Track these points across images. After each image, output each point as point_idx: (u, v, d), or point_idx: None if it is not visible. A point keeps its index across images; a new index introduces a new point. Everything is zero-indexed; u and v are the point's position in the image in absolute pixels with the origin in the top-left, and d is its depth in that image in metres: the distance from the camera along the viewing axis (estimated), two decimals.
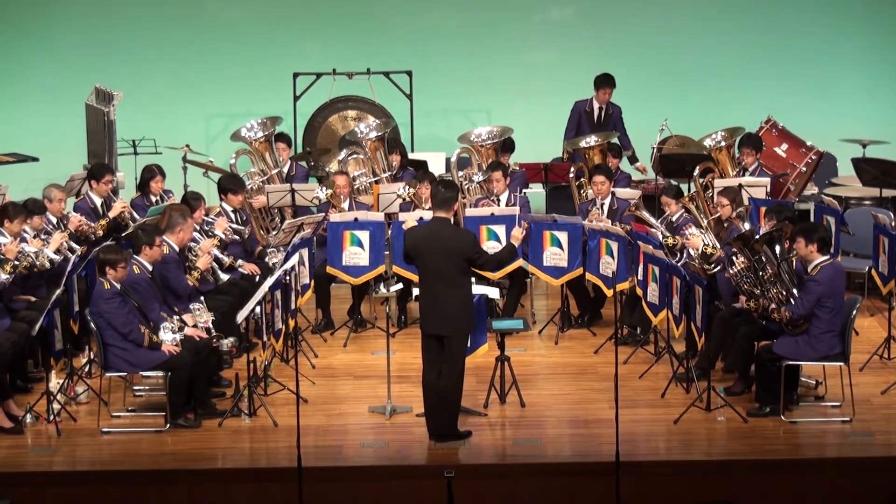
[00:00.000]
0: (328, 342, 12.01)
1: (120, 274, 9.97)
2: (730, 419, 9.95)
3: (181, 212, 10.99)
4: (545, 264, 11.94)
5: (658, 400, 10.39)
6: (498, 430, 9.98)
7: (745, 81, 15.67)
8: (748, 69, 15.69)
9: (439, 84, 15.67)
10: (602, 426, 9.78)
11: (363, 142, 13.36)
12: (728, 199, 11.30)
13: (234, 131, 13.56)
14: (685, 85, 15.73)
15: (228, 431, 9.94)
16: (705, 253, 10.86)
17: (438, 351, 9.47)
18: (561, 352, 11.66)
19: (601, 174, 12.23)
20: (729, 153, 13.08)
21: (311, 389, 10.70)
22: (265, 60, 15.67)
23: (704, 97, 15.64)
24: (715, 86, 15.69)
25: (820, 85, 15.68)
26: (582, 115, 14.29)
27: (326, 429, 9.95)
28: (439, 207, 9.48)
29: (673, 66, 15.73)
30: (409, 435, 9.79)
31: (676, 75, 15.72)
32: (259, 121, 13.48)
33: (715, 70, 15.72)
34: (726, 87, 15.68)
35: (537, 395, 10.57)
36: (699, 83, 15.74)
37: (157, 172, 12.53)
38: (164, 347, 9.98)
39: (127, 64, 15.52)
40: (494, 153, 13.26)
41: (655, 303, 10.92)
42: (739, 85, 15.66)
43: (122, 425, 10.08)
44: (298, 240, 11.49)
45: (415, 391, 10.06)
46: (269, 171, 13.40)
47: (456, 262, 9.32)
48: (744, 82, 15.67)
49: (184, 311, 10.50)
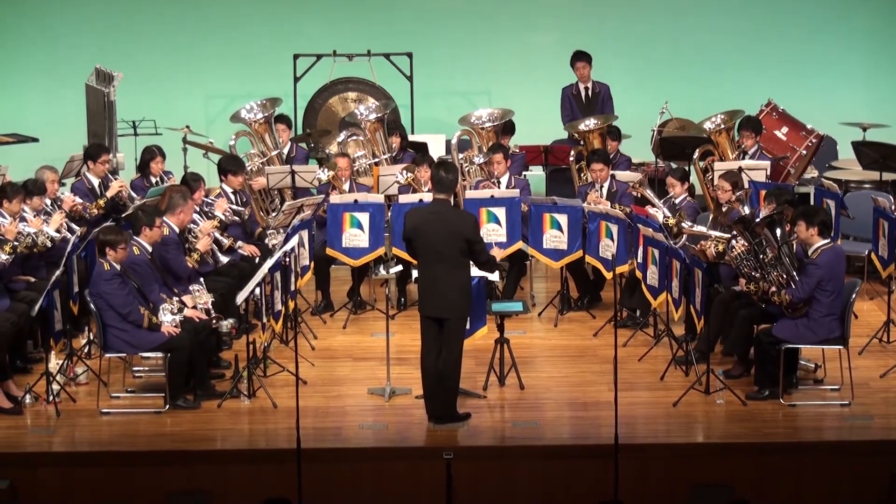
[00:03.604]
0: (327, 324, 12.00)
1: (120, 255, 9.96)
2: (729, 402, 9.94)
3: (181, 193, 10.96)
4: (545, 247, 11.92)
5: (657, 383, 10.39)
6: (497, 413, 9.98)
7: (745, 64, 15.62)
8: (749, 51, 15.65)
9: (440, 66, 15.62)
10: (601, 409, 9.78)
11: (363, 123, 13.32)
12: (728, 182, 11.28)
13: (234, 112, 13.51)
14: (686, 67, 15.68)
15: (227, 413, 9.93)
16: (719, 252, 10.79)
17: (437, 333, 9.46)
18: (560, 334, 11.66)
19: (599, 161, 12.18)
20: (729, 136, 13.04)
21: (311, 371, 10.69)
22: (265, 41, 15.63)
23: (705, 79, 15.59)
24: (715, 68, 15.65)
25: (820, 68, 15.64)
26: (570, 99, 14.27)
27: (325, 410, 9.95)
28: (439, 190, 9.45)
29: (674, 48, 15.68)
30: (408, 417, 9.79)
31: (677, 57, 15.67)
32: (259, 102, 13.42)
33: (716, 52, 15.67)
34: (727, 70, 15.63)
35: (536, 377, 10.57)
36: (700, 65, 15.69)
37: (157, 153, 12.52)
38: (164, 329, 9.97)
39: (127, 44, 15.48)
40: (495, 135, 13.22)
41: (655, 285, 10.90)
42: (740, 67, 15.61)
43: (121, 406, 10.07)
44: (298, 221, 11.46)
45: (414, 373, 10.05)
46: (268, 153, 13.37)
47: (456, 243, 9.30)
48: (744, 65, 15.62)
49: (183, 293, 10.49)
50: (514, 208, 11.93)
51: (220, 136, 14.79)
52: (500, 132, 13.32)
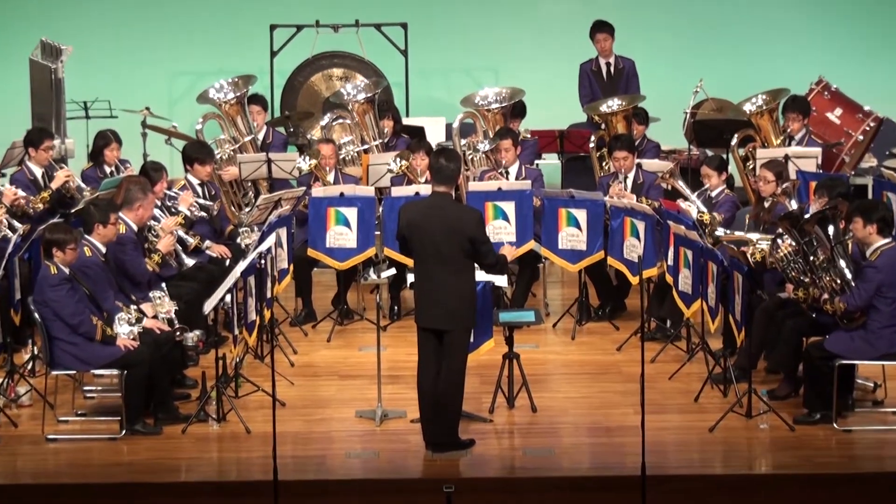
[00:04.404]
0: (309, 336, 12.00)
1: (69, 256, 9.94)
2: (774, 427, 9.92)
3: (140, 185, 10.94)
4: (561, 247, 11.92)
5: (691, 405, 10.38)
6: (505, 439, 9.96)
7: (792, 36, 15.65)
8: (796, 22, 15.69)
9: (439, 38, 15.65)
10: (626, 434, 9.76)
11: (350, 105, 13.34)
12: (772, 172, 11.27)
13: (201, 92, 13.53)
14: (723, 39, 15.70)
15: (193, 439, 9.91)
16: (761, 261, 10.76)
17: (437, 347, 9.45)
18: (578, 348, 11.66)
19: (622, 148, 12.17)
20: (772, 119, 13.06)
21: (290, 391, 10.69)
22: (237, 10, 15.66)
23: (745, 54, 15.62)
24: (758, 40, 15.67)
25: (880, 41, 15.64)
26: (589, 76, 14.28)
27: (307, 436, 9.94)
28: (439, 181, 9.43)
29: (708, 18, 15.71)
30: (403, 444, 9.77)
31: (713, 28, 15.70)
32: (230, 80, 13.43)
33: (758, 22, 15.70)
34: (771, 43, 15.65)
35: (551, 398, 10.56)
36: (739, 37, 15.71)
37: (111, 139, 12.52)
38: (120, 342, 9.96)
39: (78, 14, 15.51)
40: (503, 119, 13.23)
41: (688, 292, 10.89)
42: (786, 40, 15.64)
43: (70, 432, 10.05)
44: (275, 218, 11.46)
45: (409, 394, 10.03)
46: (241, 139, 13.38)
47: (458, 242, 9.27)
48: (791, 37, 15.65)
49: (142, 300, 10.47)
50: (525, 203, 11.91)
51: (184, 119, 14.81)
52: (509, 115, 13.34)
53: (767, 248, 10.62)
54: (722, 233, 11.12)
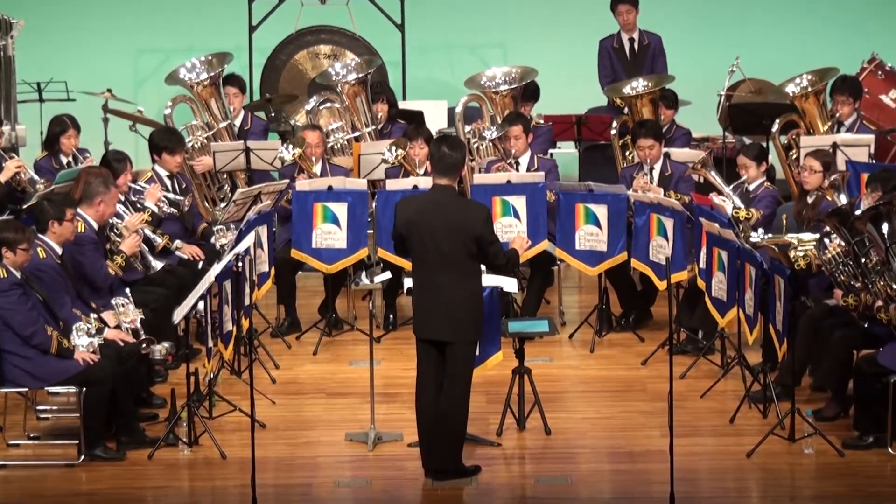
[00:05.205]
0: (293, 349, 12.02)
1: (20, 258, 9.95)
2: (820, 452, 9.93)
3: (101, 177, 10.96)
4: (578, 248, 11.94)
5: (726, 426, 10.40)
6: (515, 466, 9.99)
7: (841, 8, 15.64)
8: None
9: (440, 11, 15.68)
10: (652, 460, 9.78)
11: (339, 86, 13.35)
12: (818, 162, 11.30)
13: (171, 72, 13.54)
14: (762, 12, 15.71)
15: (161, 466, 9.92)
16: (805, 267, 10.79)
17: (437, 361, 9.46)
18: (598, 363, 11.69)
19: (648, 136, 12.18)
20: (819, 102, 13.07)
21: (271, 411, 10.71)
22: None
23: (788, 28, 15.62)
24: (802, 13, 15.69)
25: None
26: (610, 54, 14.29)
27: (290, 463, 9.94)
28: (440, 173, 9.45)
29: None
30: (399, 471, 9.78)
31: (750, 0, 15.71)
32: (203, 58, 13.45)
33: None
34: (817, 15, 15.67)
35: (567, 419, 10.58)
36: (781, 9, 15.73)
37: (68, 125, 12.51)
38: (78, 355, 9.96)
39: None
40: (512, 102, 13.26)
41: (723, 299, 10.90)
42: (834, 12, 15.64)
43: (21, 457, 10.06)
44: (254, 215, 11.47)
45: (407, 414, 10.06)
46: (215, 125, 13.39)
47: (462, 242, 9.29)
48: (840, 9, 15.65)
49: (104, 308, 10.49)
50: (538, 197, 11.94)
51: (152, 102, 14.83)
52: (520, 98, 13.35)
53: (813, 249, 10.65)
54: (760, 236, 11.10)
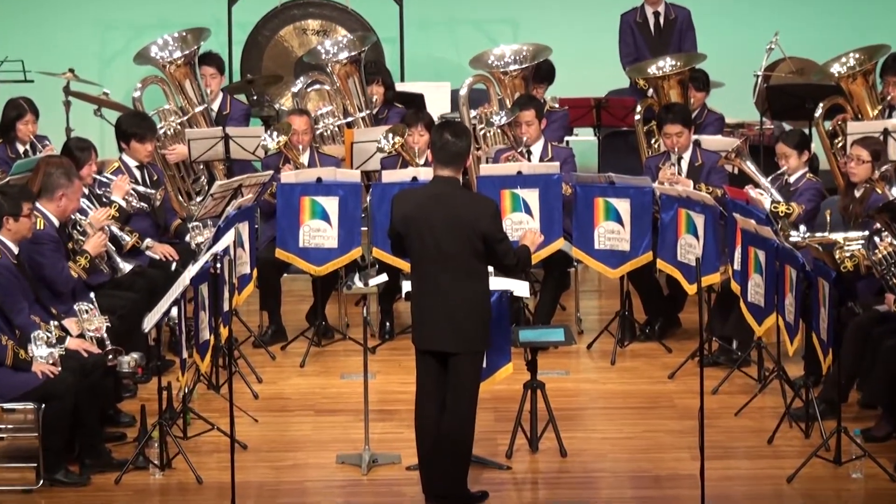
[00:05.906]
0: (278, 360, 12.05)
1: None
2: (870, 476, 9.93)
3: (62, 168, 10.96)
4: (597, 247, 11.95)
5: (763, 447, 10.41)
6: (527, 490, 10.00)
7: None
8: None
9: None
10: (681, 485, 9.79)
11: (329, 66, 13.36)
12: (867, 151, 11.30)
13: (140, 50, 13.57)
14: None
15: (130, 491, 9.92)
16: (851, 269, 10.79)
17: (440, 374, 9.46)
18: (620, 376, 11.71)
19: (675, 121, 12.18)
20: (868, 84, 13.07)
21: (253, 430, 10.73)
22: None
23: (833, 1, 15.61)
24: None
25: None
26: (633, 30, 14.29)
27: (275, 488, 9.95)
28: (443, 163, 9.44)
29: None
30: (397, 497, 9.79)
31: None
32: (176, 35, 13.47)
33: None
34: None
35: (585, 439, 10.60)
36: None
37: (25, 110, 12.57)
38: (36, 367, 9.96)
39: None
40: (523, 84, 13.27)
41: (760, 304, 10.90)
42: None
43: None
44: (234, 210, 11.47)
45: (405, 433, 10.08)
46: (190, 109, 13.41)
47: (467, 241, 9.28)
48: None
49: (65, 315, 10.50)
50: (552, 191, 11.94)
51: (119, 84, 14.84)
52: (532, 79, 13.38)
53: (861, 248, 10.63)
54: (802, 234, 11.09)
